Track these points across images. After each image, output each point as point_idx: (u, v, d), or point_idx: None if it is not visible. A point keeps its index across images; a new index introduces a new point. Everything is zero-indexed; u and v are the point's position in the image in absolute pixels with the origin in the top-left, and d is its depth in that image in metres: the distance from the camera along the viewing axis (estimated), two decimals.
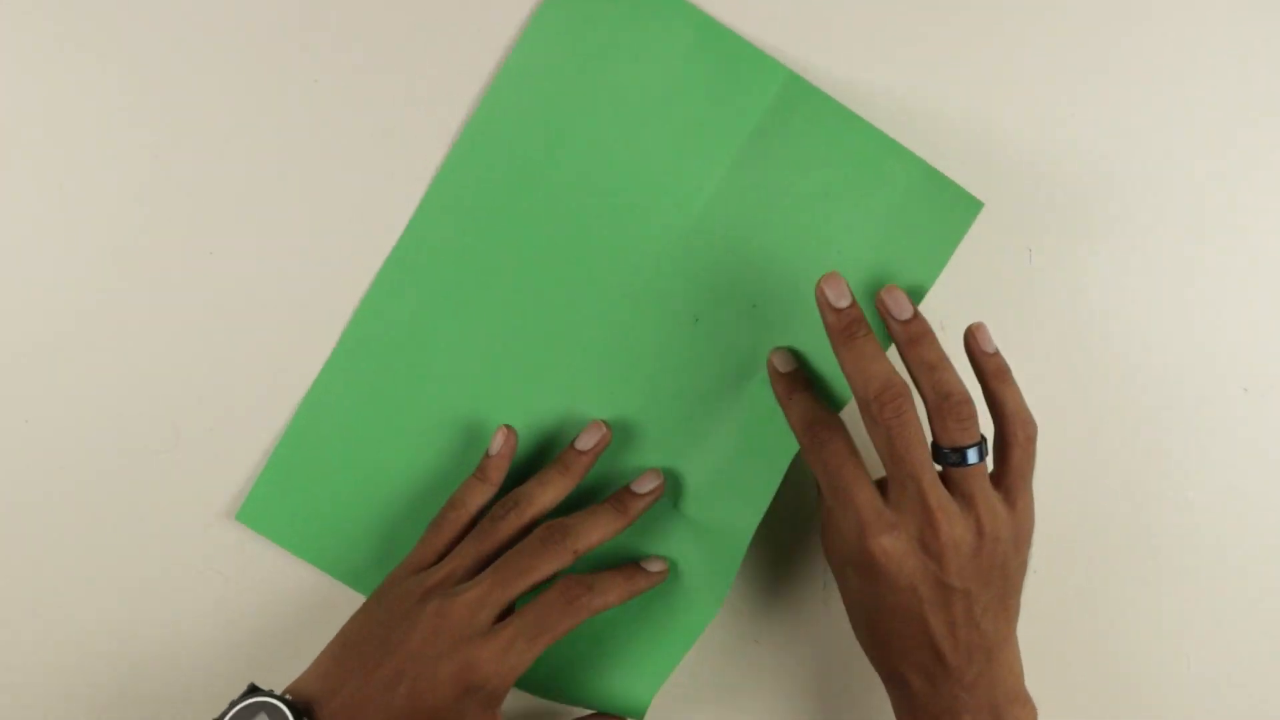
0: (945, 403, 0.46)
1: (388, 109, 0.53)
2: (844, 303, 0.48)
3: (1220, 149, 0.53)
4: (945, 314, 0.54)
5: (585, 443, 0.52)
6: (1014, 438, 0.48)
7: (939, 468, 0.47)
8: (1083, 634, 0.55)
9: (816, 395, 0.50)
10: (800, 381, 0.50)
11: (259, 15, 0.53)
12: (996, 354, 0.49)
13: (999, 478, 0.48)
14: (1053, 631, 0.55)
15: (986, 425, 0.47)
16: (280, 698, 0.46)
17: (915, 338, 0.48)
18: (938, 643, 0.47)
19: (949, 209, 0.50)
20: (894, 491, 0.46)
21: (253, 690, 0.46)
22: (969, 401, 0.46)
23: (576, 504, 0.52)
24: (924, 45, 0.53)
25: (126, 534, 0.55)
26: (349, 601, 0.55)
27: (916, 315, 0.48)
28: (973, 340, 0.49)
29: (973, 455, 0.46)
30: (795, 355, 0.51)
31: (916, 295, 0.51)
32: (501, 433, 0.52)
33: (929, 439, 0.47)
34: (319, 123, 0.53)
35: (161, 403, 0.55)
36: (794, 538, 0.55)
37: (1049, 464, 0.54)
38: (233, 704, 0.46)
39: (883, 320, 0.49)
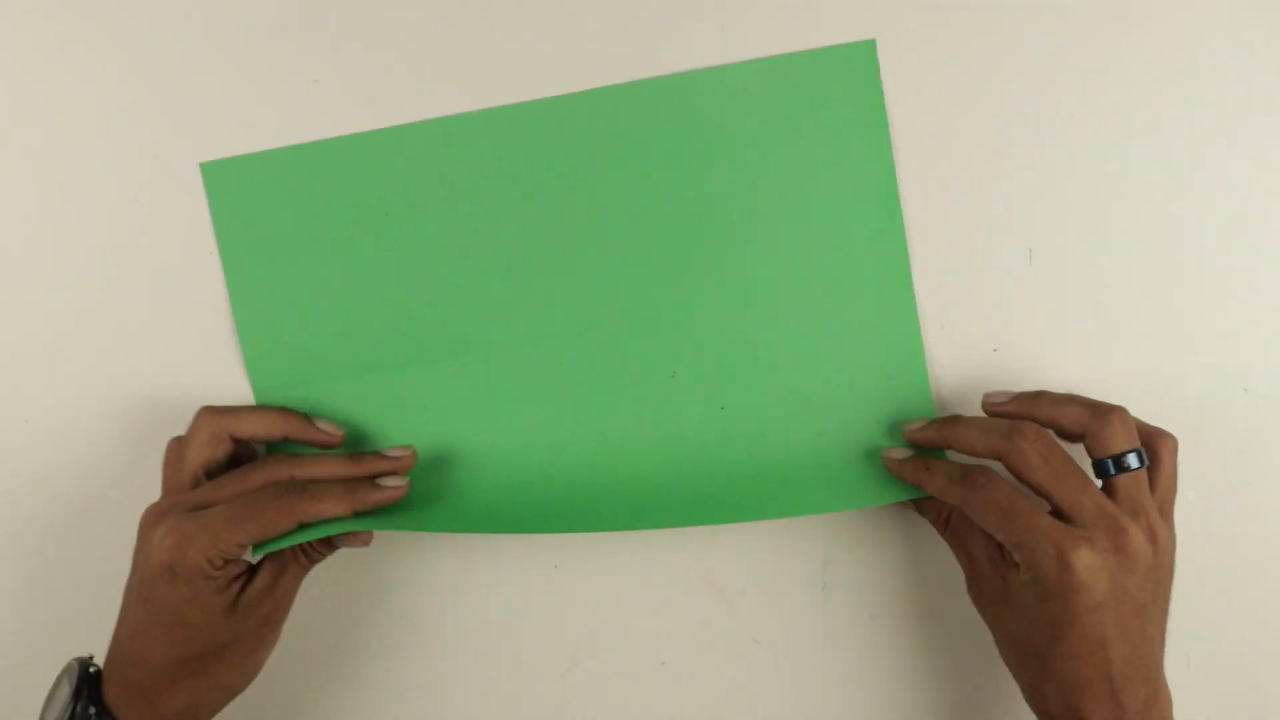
0: (1100, 406, 0.47)
1: (388, 109, 0.53)
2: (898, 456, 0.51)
3: (1220, 149, 0.53)
4: (945, 314, 0.54)
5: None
6: (1162, 447, 0.49)
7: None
8: None
9: (945, 459, 0.50)
10: (925, 458, 0.51)
11: (259, 15, 0.53)
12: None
13: (1154, 491, 0.48)
14: None
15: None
16: (79, 659, 0.49)
17: (1032, 400, 0.49)
18: (1118, 686, 0.45)
19: (849, 71, 0.50)
20: (1068, 509, 0.46)
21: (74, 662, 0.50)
22: (1118, 407, 0.48)
23: None
24: (924, 45, 0.53)
25: (126, 534, 0.55)
26: (339, 600, 0.54)
27: (1016, 395, 0.50)
28: (1057, 396, 0.50)
29: (1134, 460, 0.47)
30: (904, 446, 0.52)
31: (885, 179, 0.51)
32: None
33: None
34: (319, 122, 0.53)
35: (161, 402, 0.55)
36: (793, 538, 0.55)
37: None
38: (56, 678, 0.49)
39: (997, 415, 0.50)
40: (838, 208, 0.52)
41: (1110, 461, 0.47)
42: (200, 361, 0.54)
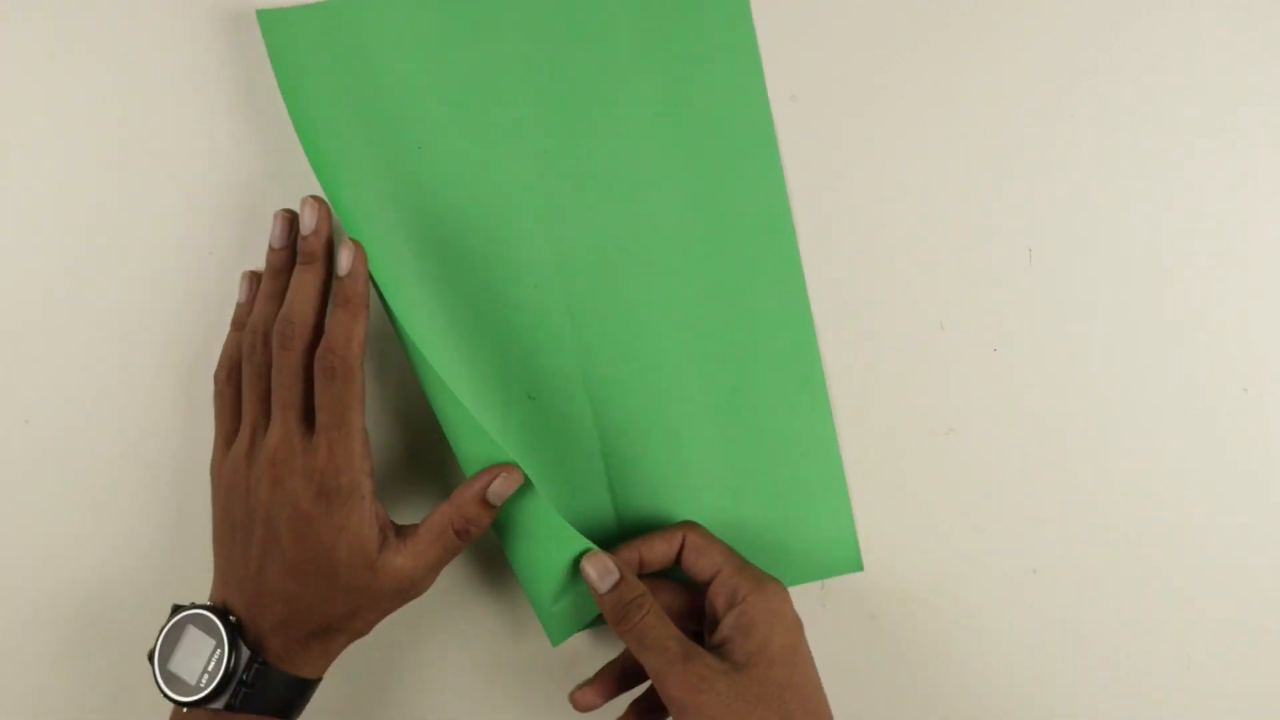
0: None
1: None
2: (603, 588, 0.49)
3: (1220, 148, 0.53)
4: (945, 314, 0.54)
5: (344, 266, 0.49)
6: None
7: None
8: (1083, 634, 0.55)
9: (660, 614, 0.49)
10: (639, 599, 0.49)
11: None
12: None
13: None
14: (1053, 631, 0.55)
15: None
16: (200, 605, 0.48)
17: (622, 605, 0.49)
18: None
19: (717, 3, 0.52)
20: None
21: (176, 609, 0.49)
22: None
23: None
24: (924, 45, 0.53)
25: (127, 534, 0.55)
26: None
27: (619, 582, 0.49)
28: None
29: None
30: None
31: (757, 104, 0.52)
32: (246, 278, 0.52)
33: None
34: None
35: (162, 402, 0.55)
36: None
37: (1050, 464, 0.54)
38: (161, 629, 0.48)
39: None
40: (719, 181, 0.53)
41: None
42: (201, 361, 0.54)
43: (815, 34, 0.53)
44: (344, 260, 0.49)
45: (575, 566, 0.50)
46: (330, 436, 0.47)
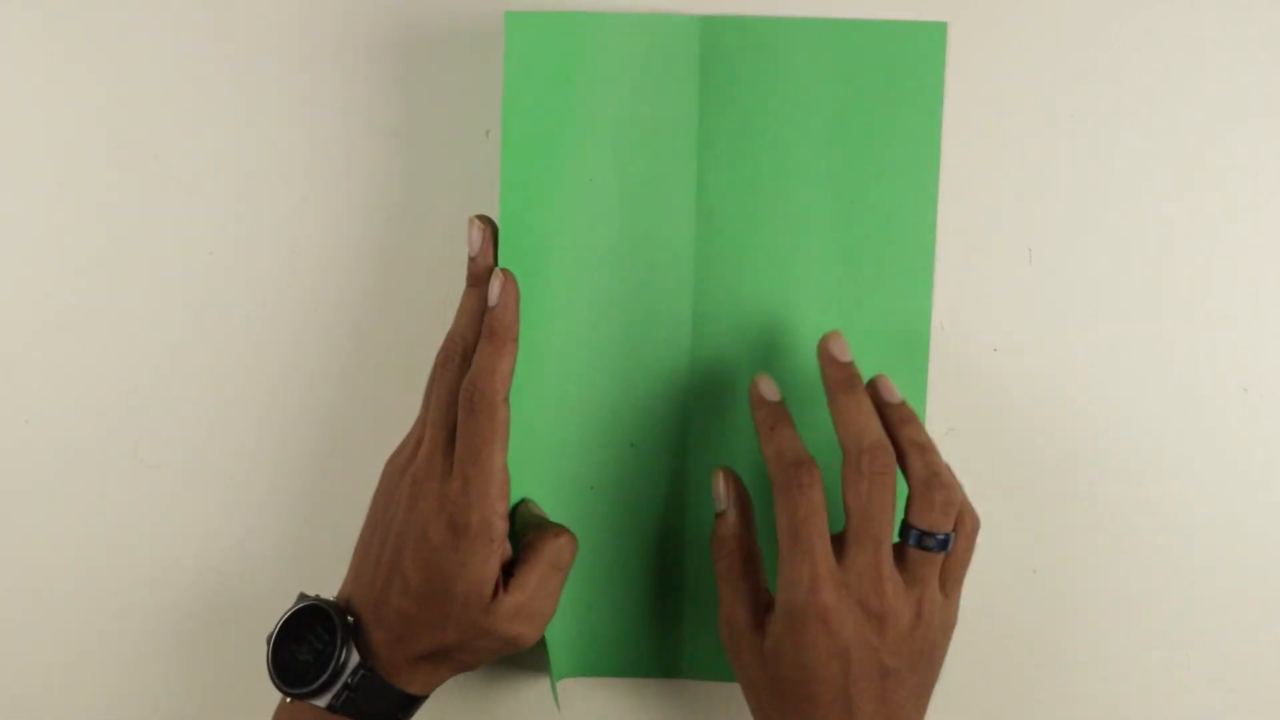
0: (935, 480, 0.47)
1: (389, 109, 0.53)
2: (846, 358, 0.49)
3: (1220, 148, 0.53)
4: (945, 314, 0.54)
5: (494, 296, 0.48)
6: (961, 529, 0.48)
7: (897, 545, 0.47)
8: (1083, 634, 0.54)
9: (796, 432, 0.49)
10: (784, 415, 0.49)
11: (260, 14, 0.53)
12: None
13: (942, 568, 0.48)
14: (1052, 631, 0.55)
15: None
16: (323, 601, 0.48)
17: (907, 419, 0.49)
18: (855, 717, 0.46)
19: (916, 48, 0.51)
20: (850, 550, 0.46)
21: (301, 598, 0.48)
22: (958, 488, 0.48)
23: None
24: None
25: (127, 534, 0.55)
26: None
27: (904, 402, 0.49)
28: (919, 437, 0.49)
29: (936, 542, 0.47)
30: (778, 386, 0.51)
31: (930, 148, 0.52)
32: (476, 226, 0.49)
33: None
34: (320, 122, 0.53)
35: (161, 402, 0.55)
36: None
37: (1050, 464, 0.54)
38: (283, 616, 0.48)
39: (876, 404, 0.49)
40: (878, 187, 0.52)
41: (914, 533, 0.47)
42: (201, 361, 0.54)
43: None
44: (494, 291, 0.47)
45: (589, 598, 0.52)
46: (466, 471, 0.46)
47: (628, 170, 0.51)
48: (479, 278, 0.49)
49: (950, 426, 0.54)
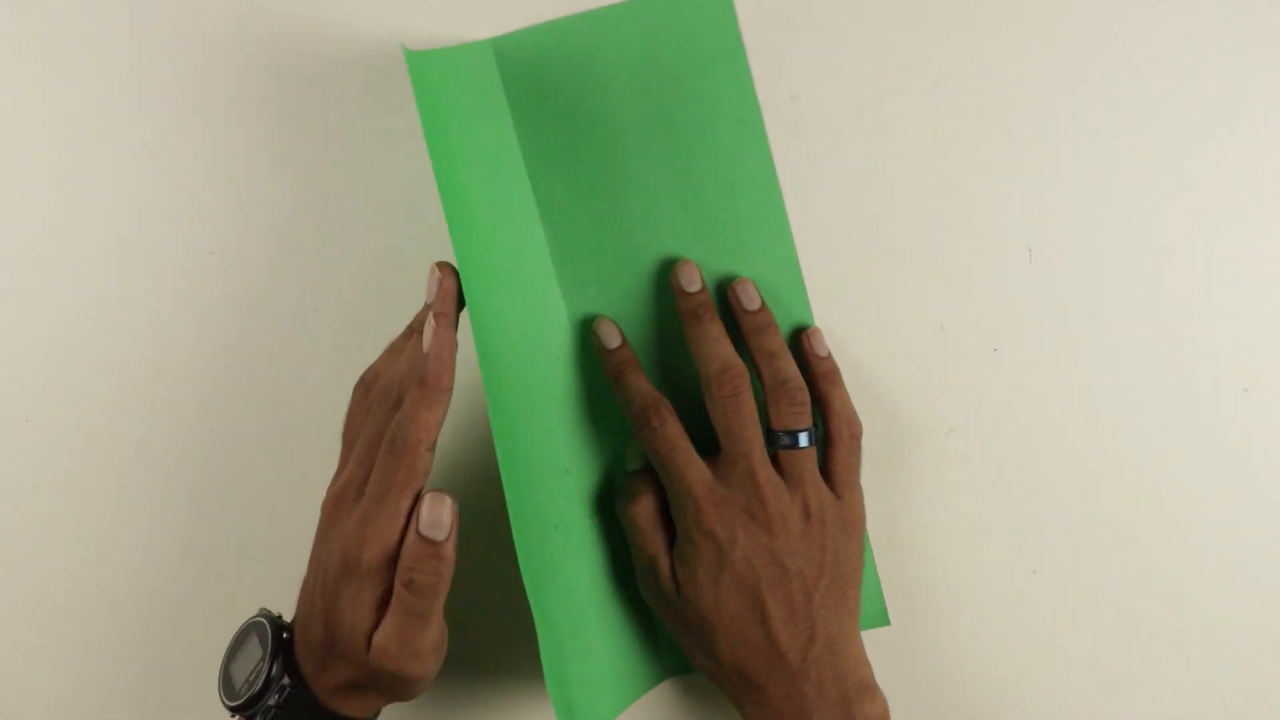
0: (782, 387, 0.50)
1: (390, 108, 0.53)
2: (694, 288, 0.51)
3: (1220, 148, 0.53)
4: (945, 314, 0.54)
5: (426, 343, 0.45)
6: (839, 435, 0.51)
7: (771, 453, 0.50)
8: (1082, 634, 0.55)
9: (645, 375, 0.52)
10: (628, 361, 0.52)
11: (260, 14, 0.53)
12: (828, 358, 0.52)
13: (827, 473, 0.51)
14: (1052, 631, 0.55)
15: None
16: (268, 616, 0.48)
17: (760, 327, 0.51)
18: (773, 625, 0.48)
19: (704, 11, 0.52)
20: (725, 468, 0.49)
21: (261, 613, 0.49)
22: (803, 388, 0.50)
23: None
24: (924, 46, 0.53)
25: (126, 534, 0.55)
26: None
27: (763, 307, 0.52)
28: (807, 344, 0.52)
29: (804, 439, 0.50)
30: (620, 330, 0.52)
31: (746, 106, 0.52)
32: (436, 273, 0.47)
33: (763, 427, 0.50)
34: (321, 122, 0.53)
35: (161, 402, 0.55)
36: None
37: (1050, 464, 0.54)
38: (238, 630, 0.48)
39: (733, 311, 0.52)
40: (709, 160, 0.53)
41: (780, 434, 0.50)
42: (200, 361, 0.54)
43: (815, 34, 0.53)
44: (426, 338, 0.45)
45: (605, 646, 0.52)
46: (368, 509, 0.44)
47: (486, 197, 0.51)
48: (419, 328, 0.47)
49: (950, 426, 0.54)
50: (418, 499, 0.45)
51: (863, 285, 0.54)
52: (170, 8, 0.53)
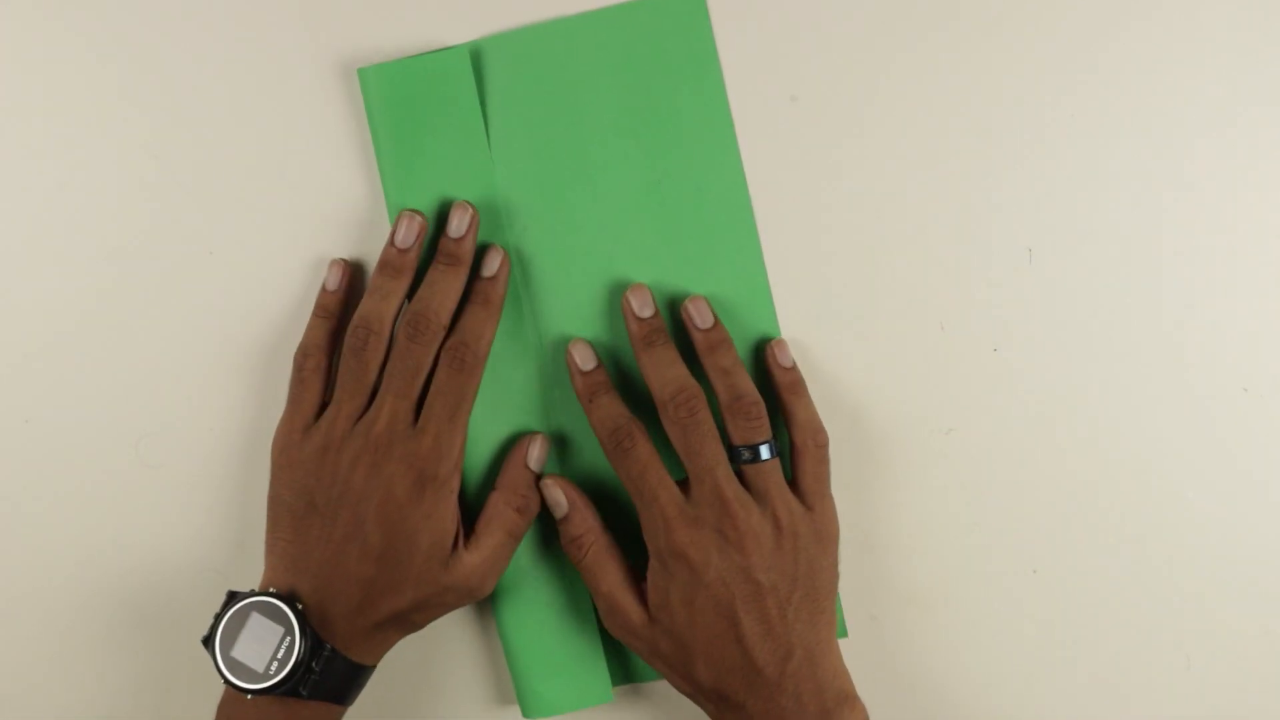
0: (738, 403, 0.50)
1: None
2: (647, 313, 0.52)
3: (1220, 149, 0.53)
4: (945, 314, 0.54)
5: (492, 268, 0.51)
6: (806, 446, 0.51)
7: (735, 470, 0.50)
8: (1082, 634, 0.55)
9: (619, 397, 0.51)
10: (601, 381, 0.52)
11: (261, 14, 0.53)
12: (793, 368, 0.52)
13: (795, 485, 0.51)
14: (1053, 631, 0.55)
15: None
16: (265, 593, 0.48)
17: (714, 345, 0.51)
18: (750, 644, 0.48)
19: (679, 17, 0.52)
20: (693, 489, 0.49)
21: (233, 596, 0.49)
22: (759, 402, 0.50)
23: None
24: (924, 46, 0.53)
25: (127, 533, 0.55)
26: None
27: (716, 324, 0.52)
28: (771, 355, 0.52)
29: (765, 451, 0.50)
30: (595, 352, 0.52)
31: (718, 115, 0.52)
32: (338, 266, 0.52)
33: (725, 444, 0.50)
34: (320, 122, 0.53)
35: (161, 402, 0.55)
36: None
37: (1050, 464, 0.54)
38: (218, 616, 0.48)
39: (687, 329, 0.52)
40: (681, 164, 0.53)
41: (741, 449, 0.50)
42: (200, 361, 0.54)
43: (815, 34, 0.53)
44: (493, 263, 0.51)
45: (568, 641, 0.53)
46: (439, 426, 0.49)
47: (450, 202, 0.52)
48: (459, 258, 0.51)
49: (950, 426, 0.54)
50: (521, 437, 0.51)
51: (863, 285, 0.54)
52: (171, 6, 0.53)
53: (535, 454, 0.52)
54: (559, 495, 0.51)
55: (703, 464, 0.49)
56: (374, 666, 0.51)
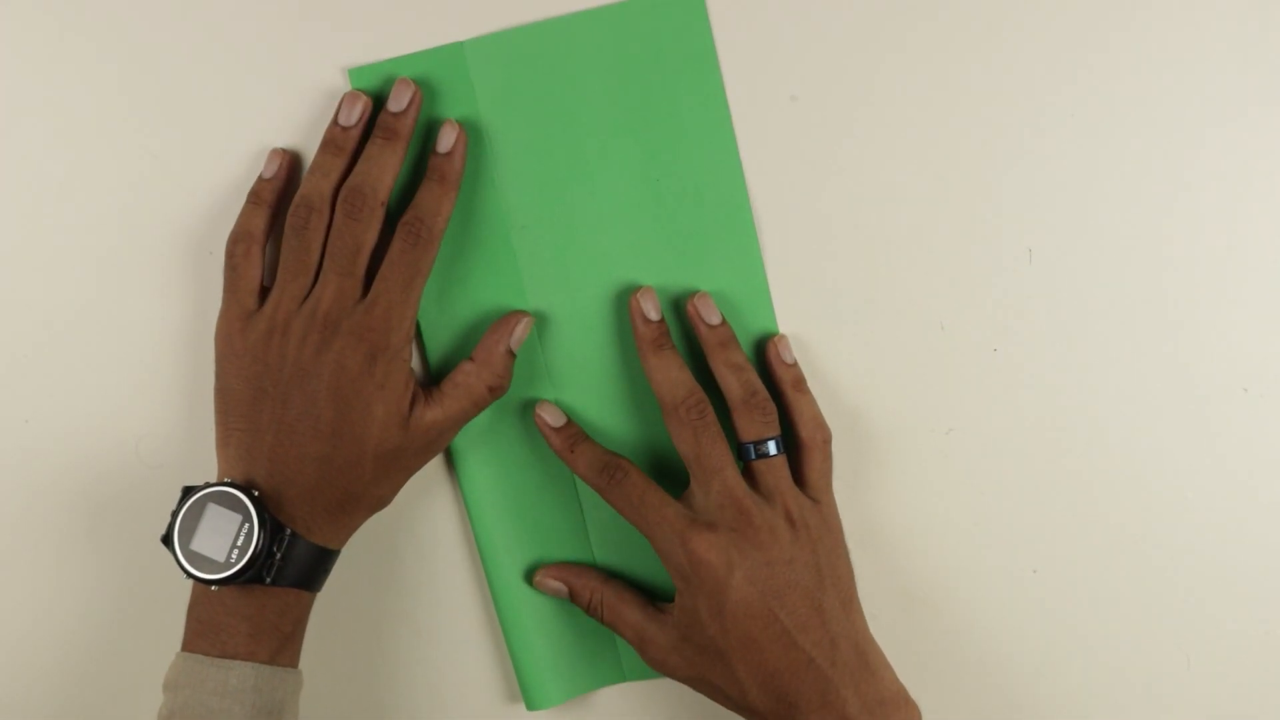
0: (753, 398, 0.50)
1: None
2: (655, 316, 0.52)
3: (1220, 148, 0.53)
4: (945, 314, 0.54)
5: (446, 144, 0.51)
6: (813, 441, 0.51)
7: (741, 468, 0.50)
8: (1082, 634, 0.55)
9: (595, 444, 0.52)
10: (577, 434, 0.52)
11: (260, 14, 0.53)
12: (795, 365, 0.52)
13: (802, 480, 0.51)
14: (1053, 631, 0.55)
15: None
16: (220, 483, 0.48)
17: (724, 341, 0.51)
18: (794, 636, 0.47)
19: (677, 16, 0.51)
20: (699, 494, 0.49)
21: (189, 491, 0.48)
22: (770, 399, 0.50)
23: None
24: (924, 45, 0.53)
25: (126, 534, 0.55)
26: (345, 592, 0.55)
27: (723, 321, 0.52)
28: (773, 351, 0.52)
29: (773, 447, 0.50)
30: (563, 409, 0.53)
31: (717, 114, 0.52)
32: (276, 155, 0.52)
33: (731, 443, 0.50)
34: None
35: (162, 402, 0.55)
36: None
37: (1050, 464, 0.54)
38: (175, 512, 0.48)
39: (692, 326, 0.52)
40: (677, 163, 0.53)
41: (747, 447, 0.50)
42: (200, 361, 0.54)
43: (815, 34, 0.53)
44: (448, 139, 0.50)
45: (567, 632, 0.54)
46: (392, 298, 0.48)
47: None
48: (398, 133, 0.50)
49: (950, 426, 0.54)
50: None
51: (863, 285, 0.54)
52: (171, 6, 0.53)
53: (518, 334, 0.51)
54: (557, 585, 0.53)
55: (712, 465, 0.49)
56: (338, 551, 0.50)
